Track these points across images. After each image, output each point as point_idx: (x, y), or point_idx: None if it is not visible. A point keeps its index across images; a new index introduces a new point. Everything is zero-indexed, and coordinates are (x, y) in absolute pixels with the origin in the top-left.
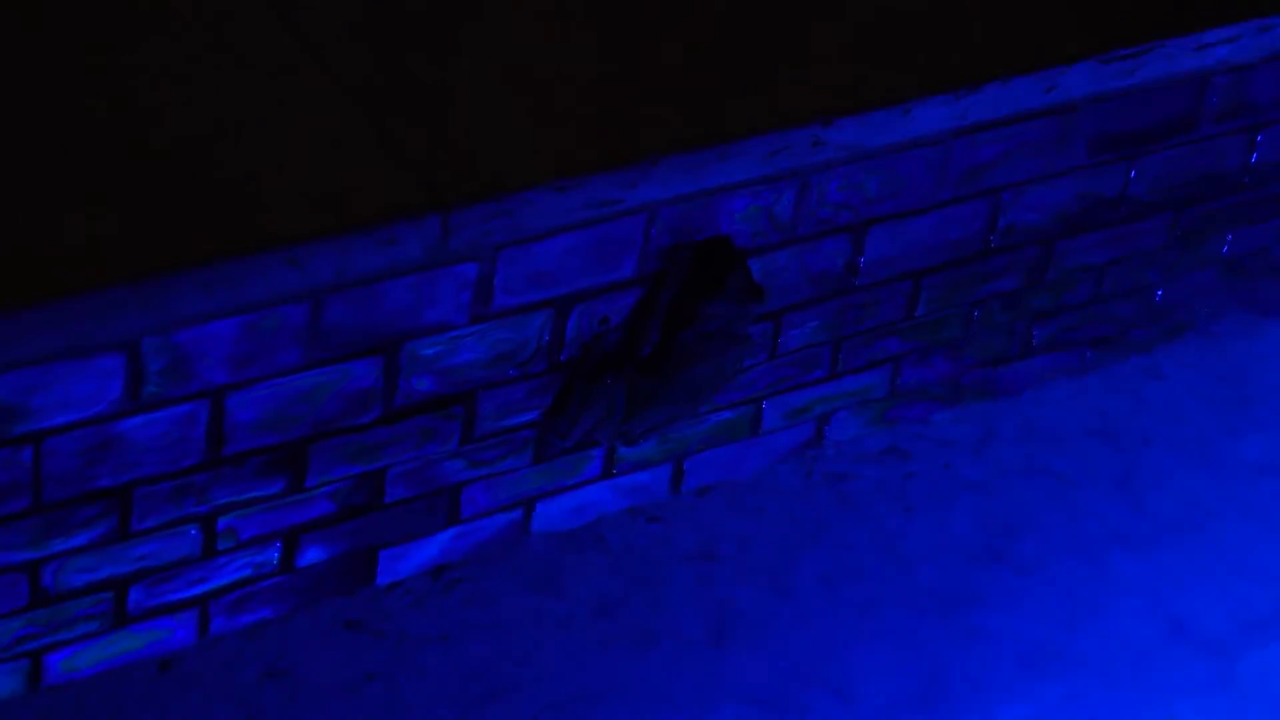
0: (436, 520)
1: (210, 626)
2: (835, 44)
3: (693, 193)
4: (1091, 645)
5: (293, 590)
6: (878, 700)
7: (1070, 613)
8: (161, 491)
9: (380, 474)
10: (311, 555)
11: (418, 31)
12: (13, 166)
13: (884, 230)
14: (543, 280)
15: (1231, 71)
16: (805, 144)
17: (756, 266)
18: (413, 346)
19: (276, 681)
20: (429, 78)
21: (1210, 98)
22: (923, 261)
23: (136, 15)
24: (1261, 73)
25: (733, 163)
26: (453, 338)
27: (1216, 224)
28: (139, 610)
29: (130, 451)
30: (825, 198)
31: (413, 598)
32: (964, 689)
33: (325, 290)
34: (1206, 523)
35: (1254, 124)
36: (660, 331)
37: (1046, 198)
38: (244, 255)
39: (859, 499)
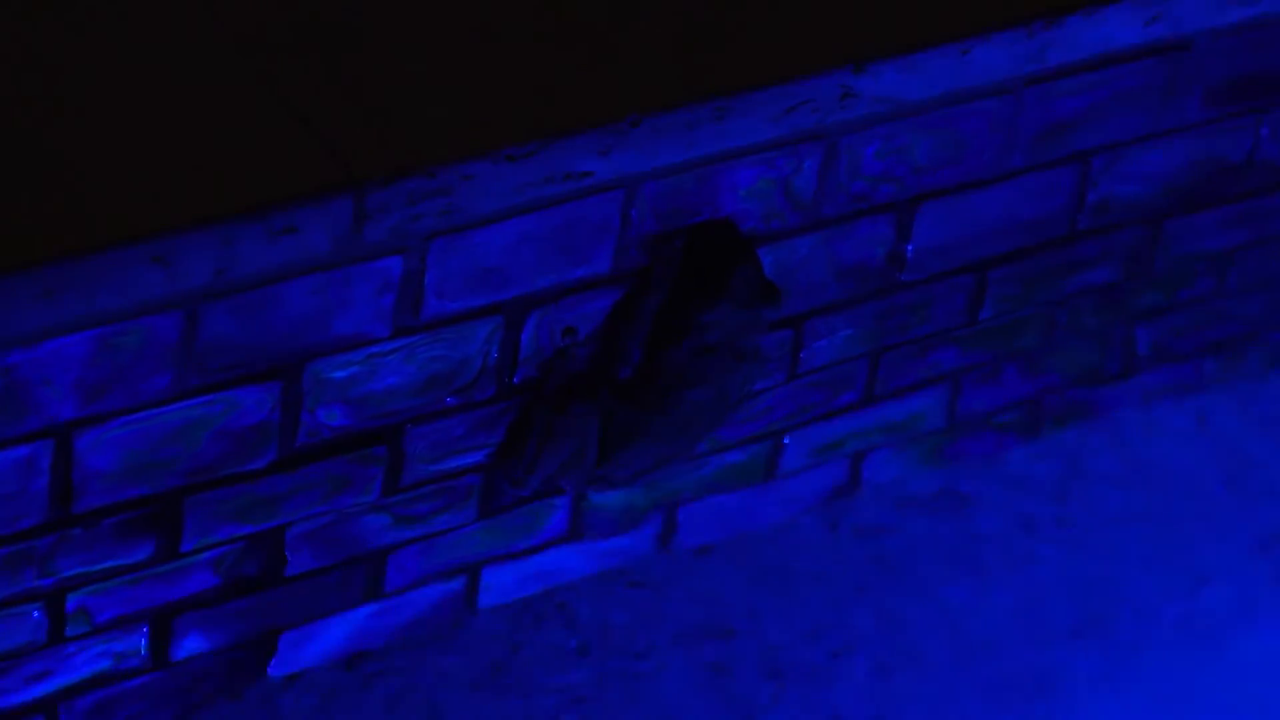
0: (352, 594)
1: None
2: None
3: (684, 162)
4: None
5: (165, 688)
6: None
7: (1183, 709)
8: None
9: (278, 535)
10: (190, 644)
11: None
12: None
13: (937, 208)
14: (489, 279)
15: None
16: (832, 95)
17: (769, 258)
18: (318, 368)
19: None
20: (335, 15)
21: None
22: (989, 249)
23: None
24: None
25: (736, 122)
26: (371, 356)
27: None
28: None
29: None
30: (859, 167)
31: (320, 698)
32: None
33: (202, 296)
34: None
35: None
36: (644, 346)
37: (1151, 164)
38: (95, 251)
39: (908, 561)
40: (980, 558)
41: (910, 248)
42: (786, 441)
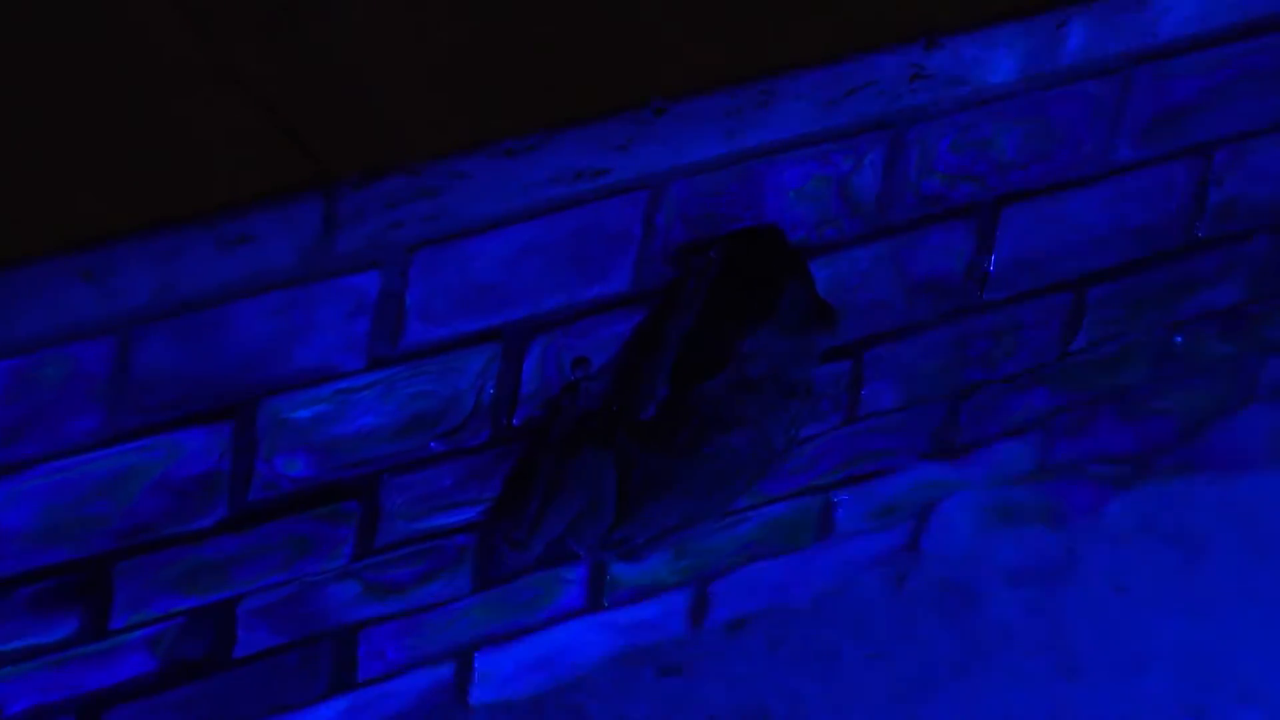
0: (317, 682)
1: None
2: None
3: (721, 157)
4: None
5: None
6: None
7: None
8: None
9: (228, 609)
10: None
11: None
12: None
13: (1026, 213)
14: (484, 299)
15: None
16: (899, 77)
17: (823, 273)
18: (277, 407)
19: None
20: None
21: None
22: (1088, 262)
23: None
24: None
25: (784, 108)
26: (341, 392)
27: None
28: None
29: None
30: (931, 162)
31: None
32: None
33: (139, 318)
34: None
35: None
36: (671, 380)
37: None
38: (11, 265)
39: (987, 641)
40: (1074, 637)
41: (993, 260)
42: (842, 497)
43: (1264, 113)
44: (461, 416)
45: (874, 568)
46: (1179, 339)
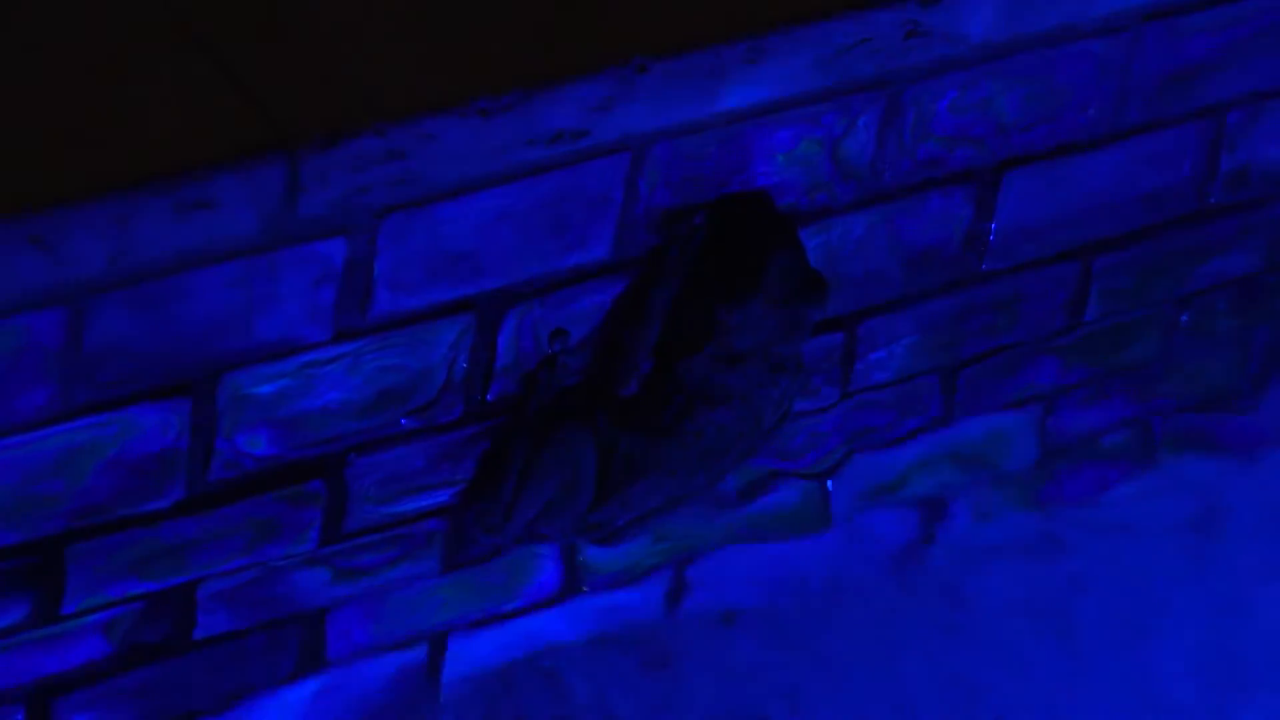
0: (283, 668)
1: None
2: None
3: (706, 119)
4: None
5: None
6: None
7: None
8: None
9: (187, 593)
10: None
11: None
12: None
13: (1029, 178)
14: (456, 268)
15: None
16: (894, 33)
17: (814, 242)
18: (238, 382)
19: None
20: None
21: None
22: (1095, 229)
23: None
24: None
25: (773, 67)
26: (306, 365)
27: None
28: None
29: None
30: (929, 125)
31: None
32: None
33: (93, 288)
34: None
35: None
36: (654, 354)
37: None
38: None
39: (989, 626)
40: (1080, 621)
41: (993, 228)
42: (836, 478)
43: (1277, 73)
44: (433, 391)
45: (873, 552)
46: (1190, 314)
